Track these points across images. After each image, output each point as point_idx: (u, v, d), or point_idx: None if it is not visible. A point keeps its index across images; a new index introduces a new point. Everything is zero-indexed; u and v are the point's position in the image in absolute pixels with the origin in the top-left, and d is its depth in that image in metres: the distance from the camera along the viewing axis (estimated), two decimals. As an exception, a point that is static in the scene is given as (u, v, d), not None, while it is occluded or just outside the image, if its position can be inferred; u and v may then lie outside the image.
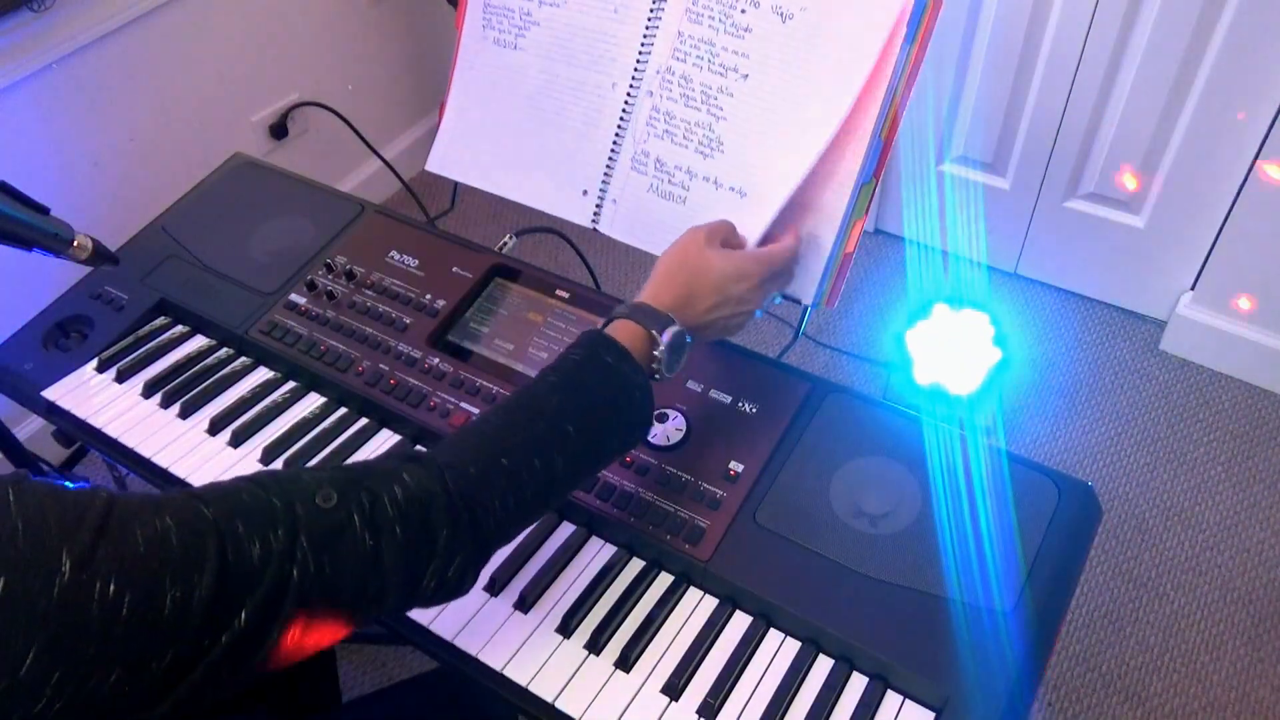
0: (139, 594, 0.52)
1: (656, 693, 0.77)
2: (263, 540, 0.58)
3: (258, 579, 0.57)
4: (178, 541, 0.54)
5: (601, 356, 0.76)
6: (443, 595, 0.68)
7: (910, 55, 0.88)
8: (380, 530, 0.63)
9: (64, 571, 0.50)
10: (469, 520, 0.67)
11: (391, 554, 0.63)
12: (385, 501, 0.64)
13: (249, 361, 1.08)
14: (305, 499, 0.61)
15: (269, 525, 0.59)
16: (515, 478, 0.70)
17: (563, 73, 1.04)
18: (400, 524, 0.64)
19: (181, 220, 1.22)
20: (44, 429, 1.71)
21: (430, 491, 0.66)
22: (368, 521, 0.62)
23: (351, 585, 0.62)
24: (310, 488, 0.62)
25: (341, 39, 2.26)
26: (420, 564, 0.65)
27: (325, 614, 0.62)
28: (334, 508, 0.62)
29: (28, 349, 1.10)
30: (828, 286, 0.96)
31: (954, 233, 2.19)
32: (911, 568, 0.80)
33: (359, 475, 0.65)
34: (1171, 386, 1.97)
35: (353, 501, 0.63)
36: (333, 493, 0.62)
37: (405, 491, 0.65)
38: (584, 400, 0.75)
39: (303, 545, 0.59)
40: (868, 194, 0.94)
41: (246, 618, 0.56)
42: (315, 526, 0.60)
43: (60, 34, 1.66)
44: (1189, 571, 1.67)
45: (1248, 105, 1.70)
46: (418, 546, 0.64)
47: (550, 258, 2.27)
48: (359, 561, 0.62)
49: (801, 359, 2.05)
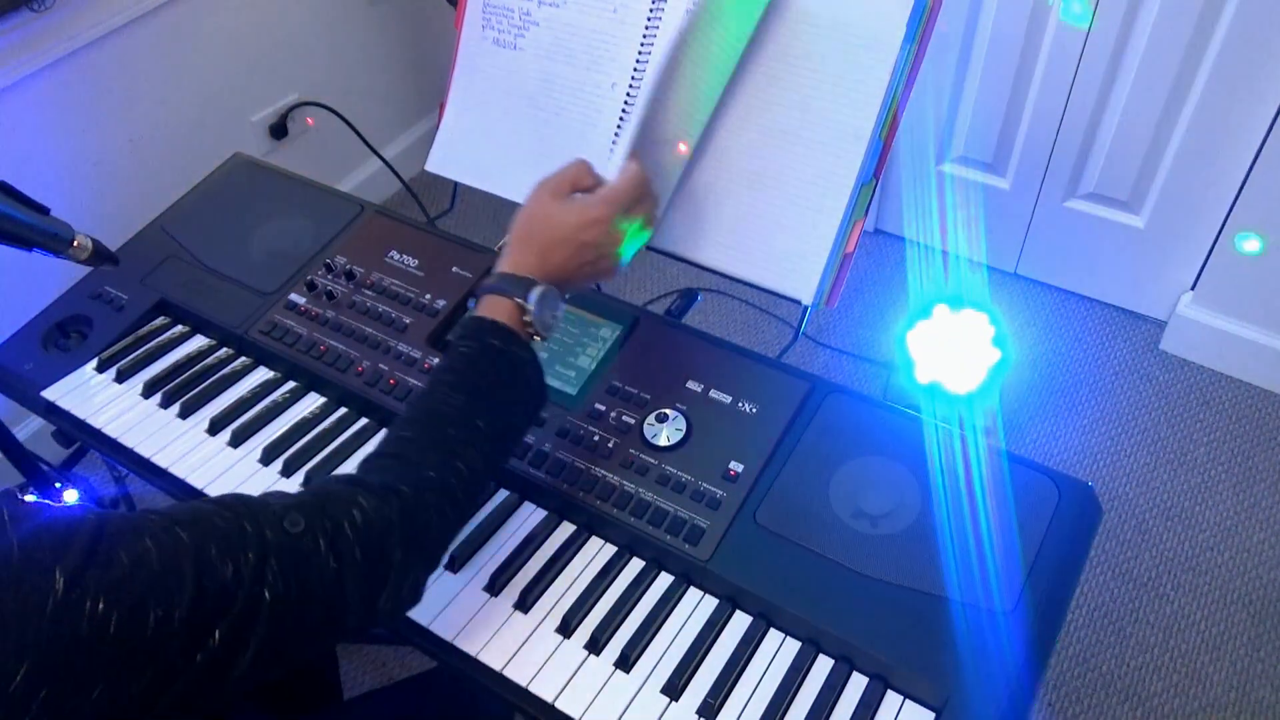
0: (125, 613, 0.54)
1: (656, 693, 0.77)
2: (235, 563, 0.60)
3: (231, 600, 0.59)
4: (158, 563, 0.57)
5: (488, 342, 0.79)
6: (398, 613, 0.71)
7: (910, 55, 0.88)
8: (341, 556, 0.66)
9: (57, 590, 0.52)
10: (416, 536, 0.70)
11: (352, 577, 0.66)
12: (345, 527, 0.67)
13: (249, 361, 1.08)
14: (274, 524, 0.64)
15: (241, 549, 0.61)
16: (445, 486, 0.73)
17: (562, 73, 1.04)
18: (360, 548, 0.67)
19: (181, 220, 1.22)
20: (44, 429, 1.71)
21: (386, 518, 0.69)
22: (330, 547, 0.65)
23: (318, 607, 0.65)
24: (279, 513, 0.65)
25: (341, 39, 2.26)
26: (378, 586, 0.68)
27: (294, 634, 0.64)
28: (301, 533, 0.64)
29: (28, 349, 1.10)
30: (828, 286, 0.96)
31: (954, 233, 2.19)
32: (911, 568, 0.80)
33: (321, 501, 0.68)
34: (1171, 386, 1.97)
35: (318, 527, 0.65)
36: (300, 518, 0.65)
37: (364, 516, 0.68)
38: (484, 392, 0.78)
39: (273, 568, 0.62)
40: (867, 194, 0.94)
41: (220, 637, 0.58)
42: (284, 551, 0.63)
43: (60, 34, 1.66)
44: (1189, 571, 1.67)
45: (1248, 105, 1.70)
46: (375, 569, 0.68)
47: (550, 258, 2.26)
48: (324, 584, 0.65)
49: (801, 359, 2.05)
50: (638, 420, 0.93)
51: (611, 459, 0.91)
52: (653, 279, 2.26)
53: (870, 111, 0.90)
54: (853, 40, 0.90)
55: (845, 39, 0.91)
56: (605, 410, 0.94)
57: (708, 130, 0.97)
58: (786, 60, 0.94)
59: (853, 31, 0.90)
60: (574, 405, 0.95)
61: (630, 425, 0.93)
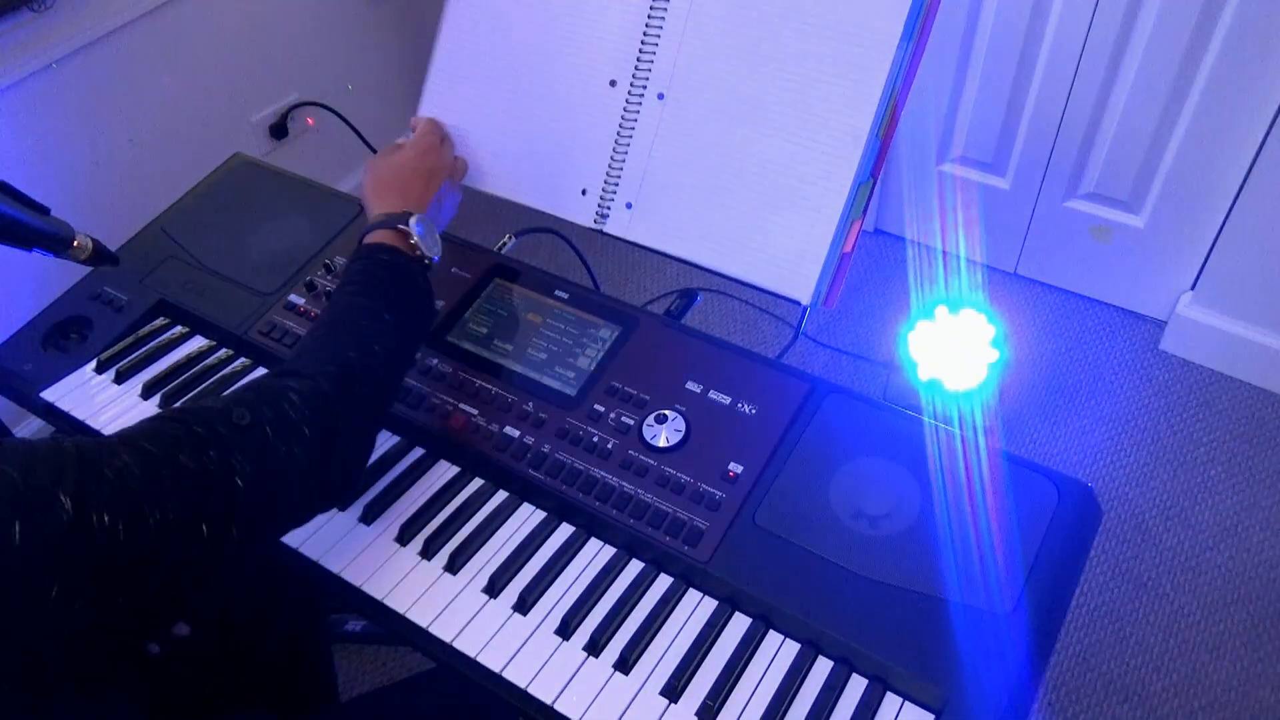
0: (129, 520, 0.60)
1: (656, 694, 0.77)
2: (202, 461, 0.66)
3: (208, 494, 0.66)
4: (140, 473, 0.62)
5: (378, 257, 0.89)
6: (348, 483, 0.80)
7: (908, 53, 0.88)
8: (291, 435, 0.72)
9: (67, 510, 0.57)
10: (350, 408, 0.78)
11: (305, 453, 0.73)
12: (286, 409, 0.73)
13: (248, 362, 1.08)
14: (224, 421, 0.70)
15: (203, 448, 0.67)
16: (367, 365, 0.81)
17: (559, 72, 1.04)
18: (307, 425, 0.74)
19: (181, 220, 1.22)
20: (43, 429, 1.71)
21: (316, 396, 0.76)
22: (278, 431, 0.72)
23: (281, 486, 0.72)
24: (224, 411, 0.71)
25: (341, 39, 2.26)
26: (327, 455, 0.75)
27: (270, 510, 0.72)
28: (249, 425, 0.70)
29: (27, 349, 1.10)
30: (826, 286, 0.96)
31: (954, 233, 2.19)
32: (911, 569, 0.80)
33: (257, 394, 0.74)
34: (1171, 386, 1.97)
35: (262, 417, 0.72)
36: (245, 411, 0.71)
37: (301, 397, 0.75)
38: (384, 293, 0.87)
39: (238, 458, 0.68)
40: (865, 193, 0.94)
41: (207, 528, 0.65)
42: (242, 441, 0.69)
43: (60, 34, 1.66)
44: (1189, 571, 1.67)
45: (1248, 105, 1.70)
46: (323, 441, 0.75)
47: (550, 258, 2.26)
48: (281, 465, 0.71)
49: (801, 359, 2.05)
50: (637, 421, 0.93)
51: (611, 460, 0.91)
52: (653, 279, 2.26)
53: (868, 110, 0.90)
54: (850, 38, 0.90)
55: (842, 37, 0.91)
56: (604, 411, 0.94)
57: (706, 130, 0.97)
58: (783, 58, 0.94)
59: (850, 29, 0.90)
60: (573, 406, 0.95)
61: (629, 426, 0.92)
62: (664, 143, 1.00)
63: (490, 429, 0.95)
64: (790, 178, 0.95)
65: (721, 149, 0.98)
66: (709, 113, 0.98)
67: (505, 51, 1.08)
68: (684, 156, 1.00)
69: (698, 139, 0.99)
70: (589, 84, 1.02)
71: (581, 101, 1.03)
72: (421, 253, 0.91)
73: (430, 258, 0.92)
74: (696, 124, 0.99)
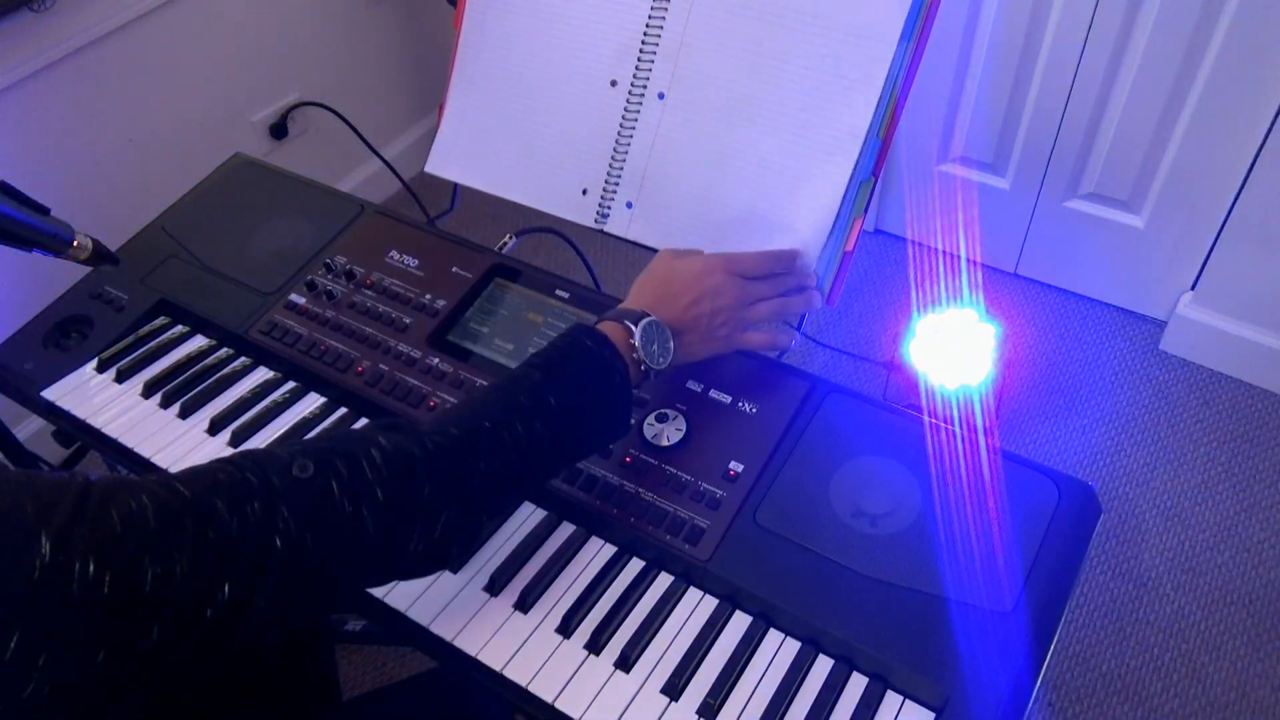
0: (118, 572, 0.52)
1: (656, 693, 0.77)
2: (240, 515, 0.58)
3: (237, 552, 0.58)
4: (155, 520, 0.55)
5: (582, 341, 0.80)
6: (429, 561, 0.70)
7: (908, 53, 0.88)
8: (360, 495, 0.64)
9: (44, 553, 0.50)
10: (450, 477, 0.68)
11: (374, 518, 0.64)
12: (364, 465, 0.65)
13: (249, 361, 1.08)
14: (281, 471, 0.62)
15: (245, 499, 0.59)
16: (497, 439, 0.72)
17: (562, 73, 1.04)
18: (380, 486, 0.65)
19: (181, 220, 1.22)
20: (44, 429, 1.71)
21: (409, 452, 0.67)
22: (346, 488, 0.63)
23: (336, 553, 0.63)
24: (285, 461, 0.63)
25: (341, 39, 2.26)
26: (403, 524, 0.66)
27: (310, 584, 0.63)
28: (311, 477, 0.62)
29: (28, 349, 1.10)
30: (827, 285, 0.96)
31: (954, 233, 2.19)
32: (911, 568, 0.80)
33: (335, 444, 0.66)
34: (1171, 386, 1.97)
35: (330, 470, 0.63)
36: (309, 463, 0.63)
37: (383, 454, 0.66)
38: (565, 377, 0.77)
39: (284, 515, 0.60)
40: (866, 192, 0.94)
41: (229, 591, 0.57)
42: (294, 496, 0.61)
43: (60, 34, 1.66)
44: (1189, 571, 1.67)
45: (1248, 105, 1.70)
46: (400, 507, 0.65)
47: (550, 258, 2.26)
48: (341, 528, 0.63)
49: (801, 359, 2.05)
50: (637, 420, 0.93)
51: (611, 459, 0.91)
52: (653, 279, 2.25)
53: (868, 108, 0.90)
54: (850, 37, 0.90)
55: (842, 36, 0.91)
56: (605, 410, 0.94)
57: (706, 129, 0.98)
58: (783, 56, 0.94)
59: (850, 29, 0.90)
60: (574, 405, 0.95)
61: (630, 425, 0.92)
62: (664, 142, 1.00)
63: (491, 428, 0.95)
64: (790, 177, 0.95)
65: (722, 148, 0.98)
66: (709, 112, 0.98)
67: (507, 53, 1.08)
68: (684, 156, 1.00)
69: (698, 138, 0.99)
70: (590, 84, 1.02)
71: (582, 102, 1.03)
72: (639, 356, 0.81)
73: (648, 366, 0.82)
74: (697, 123, 0.99)
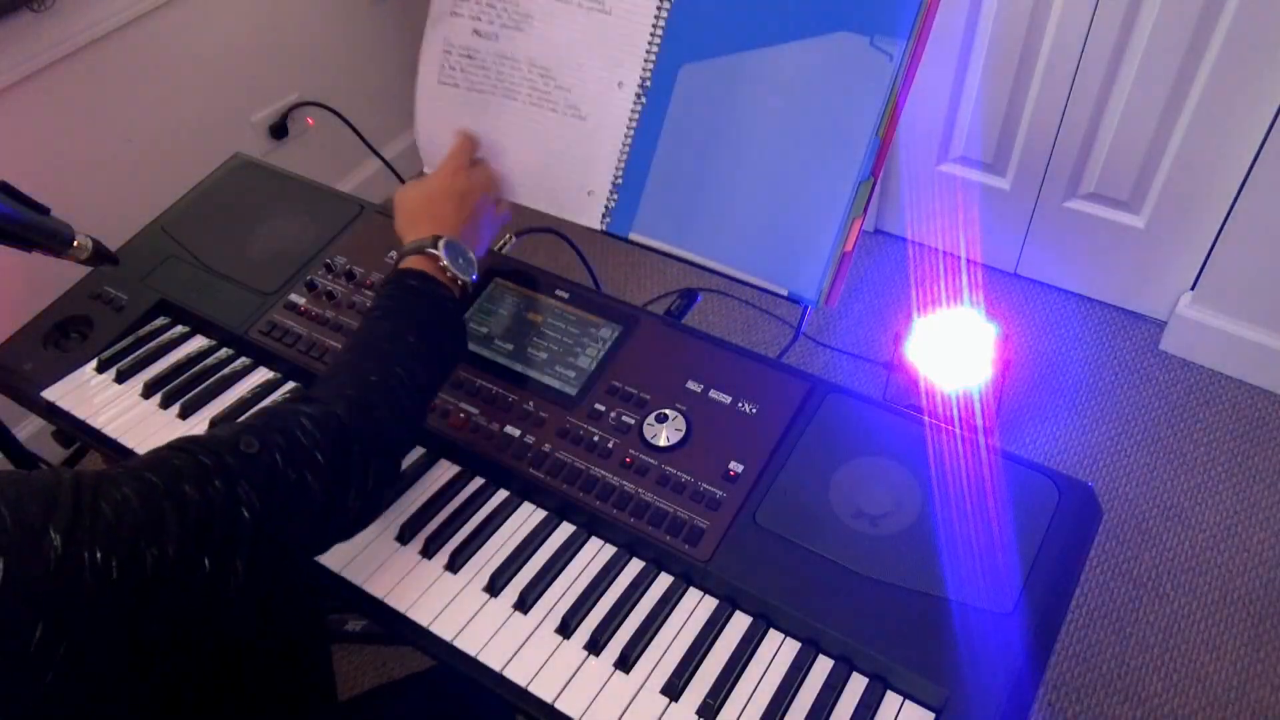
0: (123, 557, 0.57)
1: (656, 693, 0.77)
2: (206, 493, 0.64)
3: (211, 525, 0.63)
4: (140, 507, 0.60)
5: (405, 282, 0.87)
6: (365, 514, 0.78)
7: (907, 53, 0.88)
8: (302, 463, 0.70)
9: (55, 546, 0.54)
10: (370, 433, 0.76)
11: (318, 481, 0.71)
12: (299, 436, 0.71)
13: (249, 361, 1.08)
14: (230, 449, 0.68)
15: (207, 479, 0.64)
16: (387, 388, 0.80)
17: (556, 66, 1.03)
18: (319, 451, 0.72)
19: (181, 220, 1.22)
20: (44, 429, 1.71)
21: (330, 419, 0.74)
22: (289, 459, 0.70)
23: (292, 519, 0.69)
24: (231, 439, 0.69)
25: (341, 39, 2.26)
26: (339, 485, 0.73)
27: (278, 545, 0.69)
28: (258, 451, 0.69)
29: (28, 349, 1.10)
30: (826, 285, 0.96)
31: (954, 233, 2.19)
32: (911, 568, 0.80)
33: (269, 420, 0.72)
34: (1171, 386, 1.97)
35: (272, 443, 0.70)
36: (253, 439, 0.69)
37: (313, 421, 0.73)
38: (410, 317, 0.85)
39: (244, 489, 0.66)
40: (865, 192, 0.94)
41: (210, 564, 0.62)
42: (249, 470, 0.67)
43: (60, 34, 1.66)
44: (1189, 571, 1.67)
45: (1248, 105, 1.70)
46: (337, 468, 0.73)
47: (550, 258, 2.26)
48: (292, 493, 0.69)
49: (801, 359, 2.05)
50: (637, 420, 0.93)
51: (611, 459, 0.91)
52: (653, 279, 2.26)
53: (867, 108, 0.90)
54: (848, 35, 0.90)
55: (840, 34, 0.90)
56: (605, 410, 0.94)
57: (704, 129, 0.97)
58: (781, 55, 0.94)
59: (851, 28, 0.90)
60: (574, 405, 0.95)
61: (630, 425, 0.93)
62: (668, 143, 1.00)
63: (491, 428, 0.95)
64: (791, 177, 0.95)
65: (724, 148, 0.98)
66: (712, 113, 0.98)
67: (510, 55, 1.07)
68: (688, 156, 1.00)
69: (701, 139, 0.99)
70: (596, 86, 1.02)
71: (588, 104, 1.03)
72: (454, 275, 0.89)
73: (464, 279, 0.90)
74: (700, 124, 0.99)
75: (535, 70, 1.05)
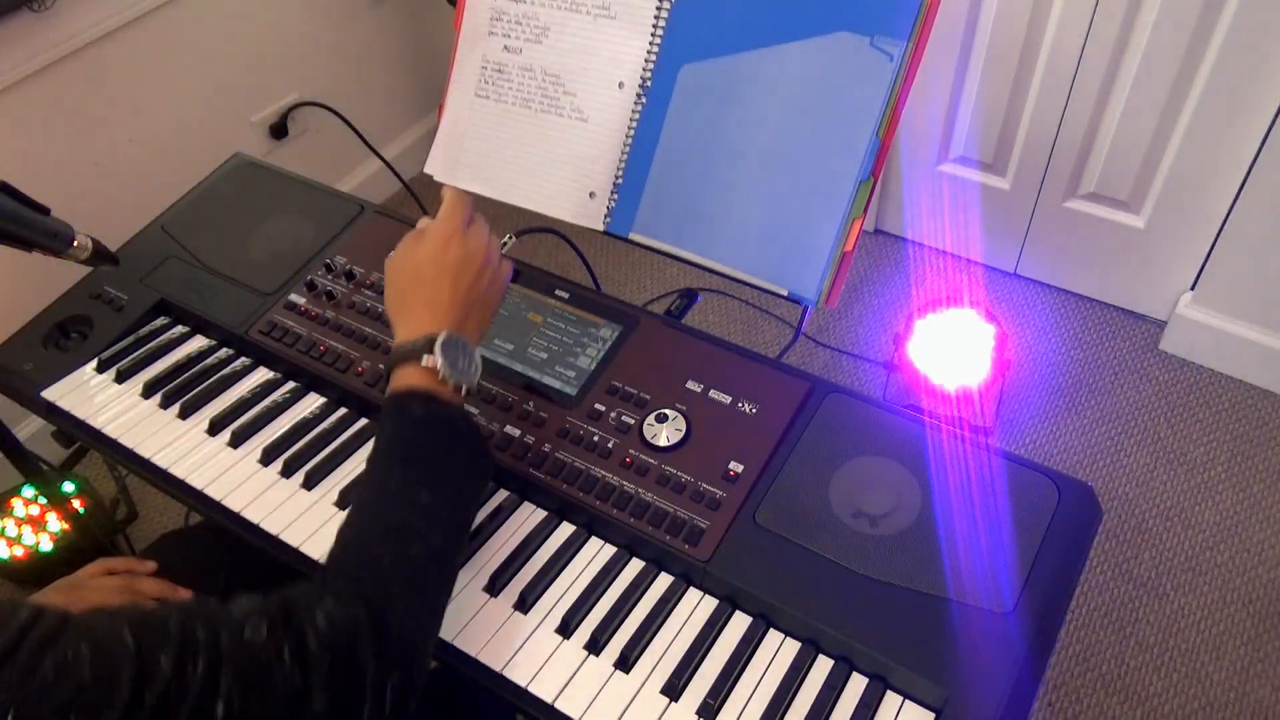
0: None
1: (656, 693, 0.77)
2: (181, 673, 0.55)
3: (170, 714, 0.54)
4: (90, 672, 0.52)
5: (411, 412, 0.76)
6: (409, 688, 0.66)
7: (908, 53, 0.88)
8: (308, 666, 0.60)
9: None
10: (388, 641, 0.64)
11: (321, 690, 0.60)
12: (309, 634, 0.61)
13: (249, 361, 1.08)
14: (232, 630, 0.59)
15: (189, 656, 0.56)
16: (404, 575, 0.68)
17: (564, 72, 1.04)
18: (330, 655, 0.61)
19: (181, 220, 1.22)
20: (44, 429, 1.71)
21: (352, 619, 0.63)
22: (295, 656, 0.59)
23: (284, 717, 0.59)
24: (239, 619, 0.60)
25: (341, 39, 2.26)
26: (355, 699, 0.62)
27: None
28: (262, 642, 0.59)
29: (28, 349, 1.10)
30: (826, 285, 0.96)
31: (954, 233, 2.19)
32: (911, 568, 0.80)
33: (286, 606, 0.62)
34: (1171, 386, 1.97)
35: (282, 635, 0.60)
36: (262, 625, 0.60)
37: (328, 620, 0.62)
38: (420, 463, 0.74)
39: (227, 678, 0.56)
40: (865, 192, 0.94)
41: None
42: (241, 660, 0.58)
43: (60, 34, 1.66)
44: (1189, 571, 1.67)
45: (1248, 105, 1.70)
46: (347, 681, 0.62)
47: (550, 258, 2.27)
48: (288, 699, 0.59)
49: (801, 359, 2.05)
50: (637, 420, 0.93)
51: (611, 459, 0.91)
52: (653, 279, 2.26)
53: (867, 108, 0.90)
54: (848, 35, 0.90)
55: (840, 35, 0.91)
56: (605, 410, 0.94)
57: (704, 129, 0.98)
58: (781, 55, 0.94)
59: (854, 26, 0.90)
60: (574, 405, 0.95)
61: (630, 425, 0.93)
62: (668, 143, 1.00)
63: (491, 428, 0.95)
64: (791, 177, 0.95)
65: (724, 148, 0.98)
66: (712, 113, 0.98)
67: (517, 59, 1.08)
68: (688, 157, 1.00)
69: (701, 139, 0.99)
70: (598, 88, 1.02)
71: (590, 106, 1.03)
72: (451, 381, 0.78)
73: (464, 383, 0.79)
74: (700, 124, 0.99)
75: (548, 79, 1.05)
